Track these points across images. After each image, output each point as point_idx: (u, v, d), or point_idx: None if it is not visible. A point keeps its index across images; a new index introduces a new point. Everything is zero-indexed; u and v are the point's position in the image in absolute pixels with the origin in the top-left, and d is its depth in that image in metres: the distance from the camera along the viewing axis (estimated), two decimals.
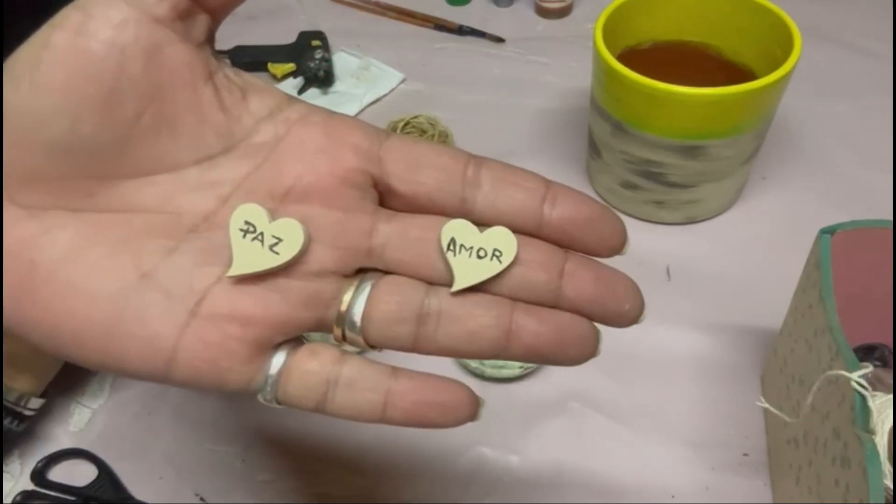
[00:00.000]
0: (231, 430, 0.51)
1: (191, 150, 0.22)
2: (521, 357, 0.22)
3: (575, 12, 0.86)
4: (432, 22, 0.86)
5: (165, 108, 0.21)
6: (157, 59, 0.21)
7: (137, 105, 0.21)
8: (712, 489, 0.47)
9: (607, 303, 0.23)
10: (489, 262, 0.22)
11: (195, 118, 0.22)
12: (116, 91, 0.20)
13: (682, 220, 0.62)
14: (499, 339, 0.22)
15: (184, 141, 0.22)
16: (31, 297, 0.21)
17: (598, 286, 0.22)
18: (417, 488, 0.48)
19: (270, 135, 0.22)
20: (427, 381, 0.23)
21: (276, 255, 0.21)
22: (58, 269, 0.21)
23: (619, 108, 0.55)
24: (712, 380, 0.52)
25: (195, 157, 0.22)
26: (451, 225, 0.22)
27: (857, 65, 0.76)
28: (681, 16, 0.61)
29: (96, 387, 0.54)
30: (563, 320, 0.22)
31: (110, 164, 0.21)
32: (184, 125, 0.21)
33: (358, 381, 0.23)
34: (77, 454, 0.50)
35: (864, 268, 0.42)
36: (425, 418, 0.23)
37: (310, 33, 0.82)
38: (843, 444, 0.33)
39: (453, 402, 0.23)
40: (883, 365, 0.47)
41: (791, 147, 0.68)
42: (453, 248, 0.22)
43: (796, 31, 0.54)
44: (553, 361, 0.23)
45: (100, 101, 0.20)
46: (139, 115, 0.21)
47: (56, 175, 0.21)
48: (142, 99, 0.21)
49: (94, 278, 0.21)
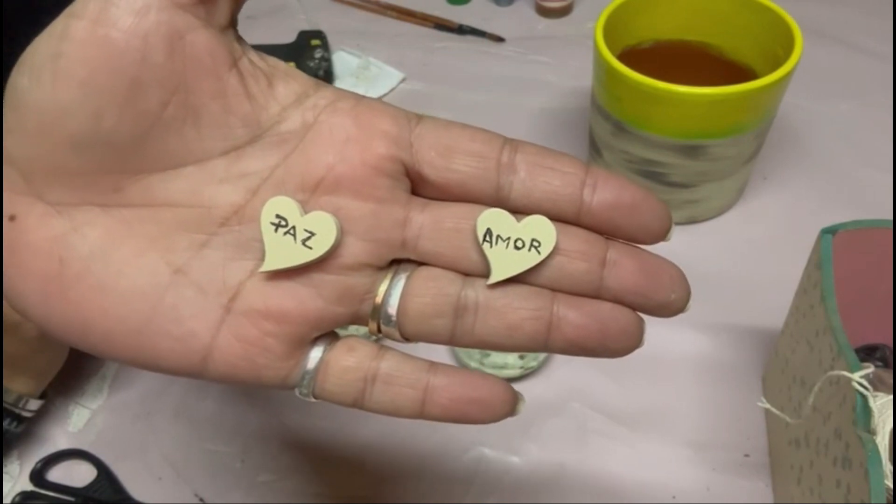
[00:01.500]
0: (230, 431, 0.51)
1: (217, 141, 0.21)
2: (563, 350, 0.22)
3: (575, 11, 0.86)
4: (432, 21, 0.86)
5: (190, 98, 0.20)
6: (180, 46, 0.20)
7: (161, 96, 0.20)
8: (713, 490, 0.47)
9: (652, 293, 0.22)
10: (527, 252, 0.21)
11: (220, 107, 0.21)
12: (139, 82, 0.19)
13: (683, 221, 0.62)
14: (539, 331, 0.22)
15: (209, 131, 0.21)
16: (60, 296, 0.20)
17: (642, 276, 0.22)
18: (418, 488, 0.48)
19: (298, 123, 0.22)
20: (465, 377, 0.23)
21: (310, 250, 0.21)
22: (88, 268, 0.20)
23: (619, 108, 0.55)
24: (713, 380, 0.52)
25: (222, 147, 0.21)
26: (486, 214, 0.21)
27: (858, 64, 0.76)
28: (682, 15, 0.61)
29: (95, 387, 0.54)
30: (605, 311, 0.22)
31: (136, 157, 0.20)
32: (209, 115, 0.21)
33: (396, 377, 0.22)
34: (76, 455, 0.50)
35: (866, 268, 0.42)
36: (464, 414, 0.22)
37: (309, 32, 0.82)
38: (845, 445, 0.33)
39: (491, 398, 0.22)
40: (884, 365, 0.47)
41: (792, 147, 0.68)
42: (489, 238, 0.21)
43: (797, 31, 0.54)
44: (596, 354, 0.22)
45: (122, 94, 0.19)
46: (163, 106, 0.20)
47: (82, 170, 0.20)
48: (165, 89, 0.20)
49: (126, 276, 0.20)
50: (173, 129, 0.20)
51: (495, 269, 0.21)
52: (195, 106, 0.21)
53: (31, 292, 0.20)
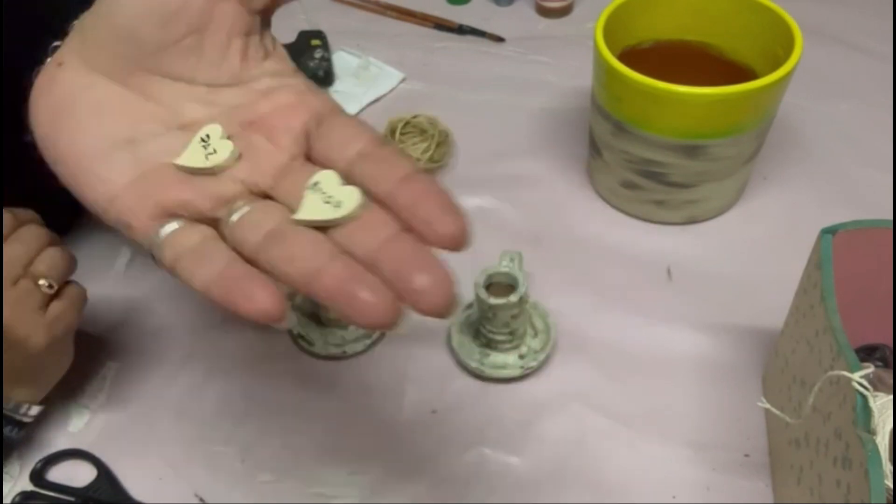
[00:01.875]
0: (230, 431, 0.51)
1: (208, 76, 0.30)
2: (320, 297, 0.24)
3: (575, 11, 0.86)
4: (432, 21, 0.86)
5: (203, 41, 0.29)
6: (214, 5, 0.29)
7: (186, 29, 0.29)
8: (713, 490, 0.47)
9: (405, 283, 0.24)
10: (331, 208, 0.26)
11: (220, 56, 0.30)
12: (177, 14, 0.28)
13: (683, 220, 0.62)
14: (308, 272, 0.24)
15: (206, 68, 0.30)
16: (56, 118, 0.29)
17: (406, 267, 0.24)
18: (417, 488, 0.48)
19: (265, 86, 0.30)
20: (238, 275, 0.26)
21: (207, 160, 0.28)
22: (81, 110, 0.29)
23: (619, 108, 0.55)
24: (713, 380, 0.52)
25: (208, 81, 0.30)
26: (322, 173, 0.27)
27: (858, 64, 0.76)
28: (681, 15, 0.61)
29: (95, 388, 0.54)
30: (365, 282, 0.24)
31: (151, 61, 0.29)
32: (210, 57, 0.30)
33: (210, 254, 0.27)
34: (76, 455, 0.50)
35: (866, 268, 0.42)
36: (236, 301, 0.25)
37: (310, 32, 0.82)
38: (845, 445, 0.33)
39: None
40: (884, 365, 0.47)
41: (792, 147, 0.68)
42: (313, 188, 0.27)
43: (797, 31, 0.54)
44: (346, 316, 0.24)
45: (163, 17, 0.28)
46: (184, 36, 0.29)
47: (116, 53, 0.29)
48: (190, 27, 0.29)
49: (99, 125, 0.29)
50: (183, 54, 0.29)
51: (302, 209, 0.26)
52: (204, 47, 0.29)
53: (44, 110, 0.30)
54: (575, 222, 0.63)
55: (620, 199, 0.63)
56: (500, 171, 0.68)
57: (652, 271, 0.59)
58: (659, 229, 0.62)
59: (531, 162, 0.69)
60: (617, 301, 0.57)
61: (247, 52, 0.30)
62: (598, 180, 0.64)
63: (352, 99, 0.76)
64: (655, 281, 0.58)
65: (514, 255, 0.55)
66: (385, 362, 0.55)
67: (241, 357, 0.55)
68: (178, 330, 0.57)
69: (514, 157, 0.69)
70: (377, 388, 0.53)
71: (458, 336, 0.54)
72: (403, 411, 0.52)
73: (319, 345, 0.54)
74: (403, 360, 0.55)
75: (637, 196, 0.61)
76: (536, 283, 0.58)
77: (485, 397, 0.52)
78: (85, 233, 0.62)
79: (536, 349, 0.53)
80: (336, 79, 0.79)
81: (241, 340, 0.56)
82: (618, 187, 0.62)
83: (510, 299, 0.48)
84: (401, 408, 0.52)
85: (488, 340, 0.52)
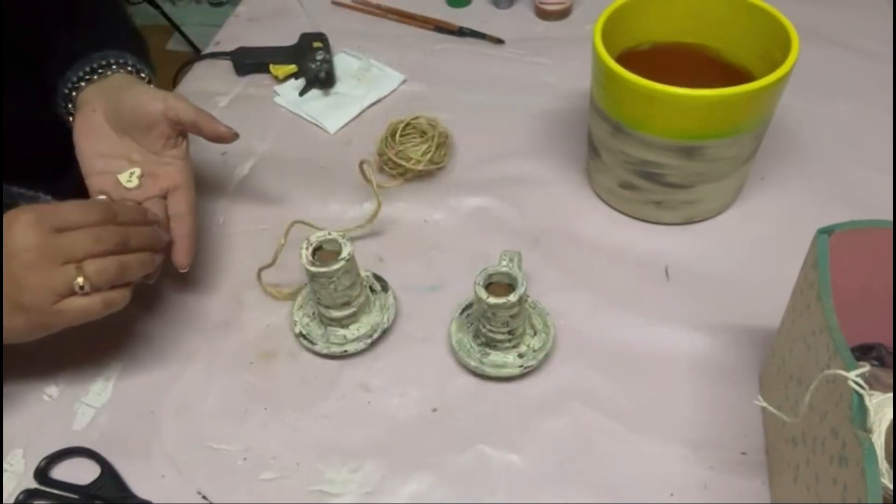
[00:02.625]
0: (233, 430, 0.52)
1: (147, 146, 0.56)
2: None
3: (574, 14, 0.87)
4: (433, 24, 0.86)
5: (151, 133, 0.56)
6: (161, 124, 0.55)
7: (146, 128, 0.56)
8: (711, 488, 0.47)
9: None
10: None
11: (154, 141, 0.56)
12: (147, 122, 0.55)
13: (681, 221, 0.62)
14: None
15: (147, 143, 0.56)
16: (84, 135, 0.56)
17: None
18: (418, 487, 0.48)
19: (167, 160, 0.57)
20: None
21: (129, 181, 0.55)
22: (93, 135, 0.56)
23: (618, 109, 0.56)
24: (711, 379, 0.52)
25: (146, 147, 0.56)
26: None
27: (854, 65, 0.77)
28: (679, 17, 0.62)
29: (99, 386, 0.54)
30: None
31: (128, 130, 0.56)
32: (151, 139, 0.56)
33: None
34: (80, 453, 0.50)
35: (862, 268, 0.43)
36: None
37: (311, 35, 0.82)
38: (842, 444, 0.34)
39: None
40: (880, 364, 0.47)
41: (790, 148, 0.69)
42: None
43: (794, 33, 0.54)
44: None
45: (141, 121, 0.55)
46: (145, 130, 0.56)
47: (116, 119, 0.56)
48: (149, 127, 0.56)
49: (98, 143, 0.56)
50: (141, 134, 0.56)
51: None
52: (150, 136, 0.56)
53: (79, 126, 0.56)
54: (574, 222, 0.64)
55: (619, 200, 0.63)
56: (499, 171, 0.68)
57: (650, 271, 0.59)
58: (657, 229, 0.63)
59: (530, 163, 0.69)
60: (615, 300, 0.57)
61: (166, 144, 0.56)
62: (597, 181, 0.65)
63: (353, 100, 0.76)
64: (654, 280, 0.59)
65: (513, 254, 0.56)
66: (386, 361, 0.55)
67: (242, 356, 0.56)
68: (181, 329, 0.58)
69: (514, 157, 0.70)
70: (378, 386, 0.54)
71: (458, 335, 0.54)
72: (404, 410, 0.52)
73: (321, 344, 0.55)
74: (404, 360, 0.55)
75: (635, 196, 0.61)
76: (535, 282, 0.58)
77: (484, 396, 0.53)
78: None
79: (536, 348, 0.53)
80: (337, 80, 0.79)
81: (243, 339, 0.57)
82: (616, 188, 0.62)
83: (509, 299, 0.48)
84: (401, 406, 0.52)
85: (488, 340, 0.52)
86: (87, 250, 0.45)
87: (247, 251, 0.63)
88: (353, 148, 0.72)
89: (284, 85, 0.79)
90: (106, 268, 0.46)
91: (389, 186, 0.66)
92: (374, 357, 0.55)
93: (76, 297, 0.45)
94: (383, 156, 0.67)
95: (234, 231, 0.65)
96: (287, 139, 0.74)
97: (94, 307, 0.46)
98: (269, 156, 0.72)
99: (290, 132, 0.75)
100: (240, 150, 0.71)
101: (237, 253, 0.63)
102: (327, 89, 0.78)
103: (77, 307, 0.45)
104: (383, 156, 0.67)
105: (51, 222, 0.45)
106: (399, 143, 0.67)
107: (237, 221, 0.66)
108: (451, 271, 0.60)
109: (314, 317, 0.56)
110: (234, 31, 0.88)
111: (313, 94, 0.78)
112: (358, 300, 0.54)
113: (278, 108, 0.77)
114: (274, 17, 0.90)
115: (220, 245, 0.64)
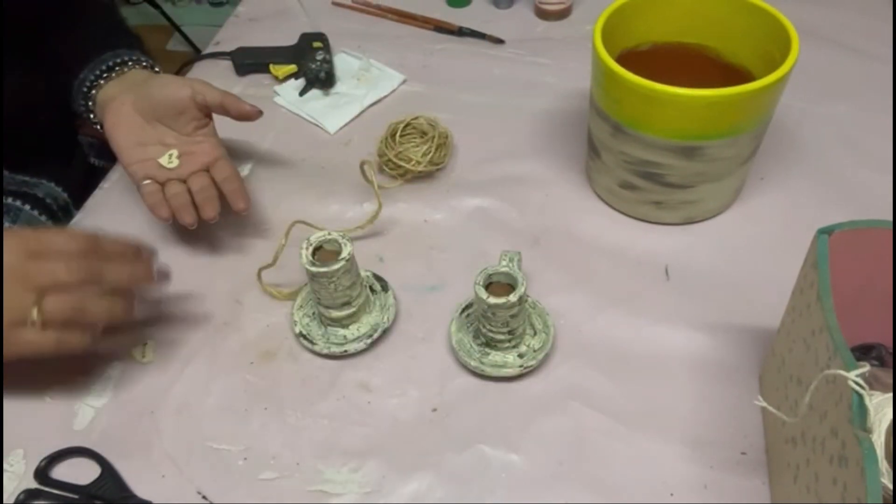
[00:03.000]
0: (233, 430, 0.52)
1: (178, 129, 0.61)
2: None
3: (574, 14, 0.87)
4: (432, 24, 0.86)
5: (180, 117, 0.61)
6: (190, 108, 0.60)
7: (176, 113, 0.61)
8: (710, 487, 0.47)
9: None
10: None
11: (185, 123, 0.61)
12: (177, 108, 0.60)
13: (681, 221, 0.63)
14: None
15: (178, 126, 0.61)
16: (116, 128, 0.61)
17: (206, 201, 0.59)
18: (418, 487, 0.48)
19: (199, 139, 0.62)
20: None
21: (169, 163, 0.60)
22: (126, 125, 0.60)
23: (618, 110, 0.56)
24: (711, 379, 0.52)
25: (178, 130, 0.61)
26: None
27: (854, 66, 0.77)
28: (679, 18, 0.62)
29: (100, 386, 0.54)
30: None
31: (159, 117, 0.61)
32: (181, 123, 0.61)
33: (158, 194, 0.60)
34: (80, 452, 0.50)
35: (862, 268, 0.43)
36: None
37: (311, 35, 0.82)
38: (841, 443, 0.34)
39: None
40: (880, 364, 0.47)
41: (789, 148, 0.69)
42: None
43: (794, 33, 0.54)
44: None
45: (172, 107, 0.60)
46: (175, 115, 0.61)
47: (147, 109, 0.61)
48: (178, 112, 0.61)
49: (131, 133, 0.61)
50: (172, 119, 0.61)
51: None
52: (180, 119, 0.61)
53: (109, 119, 0.61)
54: (574, 223, 0.64)
55: (619, 200, 0.63)
56: (499, 171, 0.68)
57: (650, 271, 0.59)
58: (657, 229, 0.63)
59: (530, 163, 0.69)
60: (615, 300, 0.57)
61: (197, 125, 0.61)
62: (597, 181, 0.65)
63: (353, 100, 0.77)
64: (653, 281, 0.59)
65: (513, 254, 0.56)
66: (386, 361, 0.55)
67: (243, 356, 0.56)
68: (181, 329, 0.58)
69: (514, 158, 0.70)
70: (378, 386, 0.54)
71: (458, 335, 0.54)
72: (404, 410, 0.52)
73: (321, 344, 0.55)
74: (404, 359, 0.55)
75: (635, 197, 0.61)
76: (535, 282, 0.58)
77: (484, 396, 0.53)
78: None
79: (535, 348, 0.53)
80: (337, 80, 0.79)
81: (243, 339, 0.57)
82: (616, 188, 0.62)
83: (509, 299, 0.48)
84: (401, 406, 0.52)
85: (488, 339, 0.52)
86: (56, 278, 0.45)
87: (247, 251, 0.63)
88: (353, 148, 0.72)
89: (284, 85, 0.80)
90: (63, 302, 0.45)
91: (390, 187, 0.66)
92: (374, 357, 0.55)
93: (27, 328, 0.44)
94: (383, 157, 0.67)
95: (234, 231, 0.65)
96: (287, 139, 0.74)
97: (46, 343, 0.45)
98: (269, 156, 0.72)
99: (290, 132, 0.75)
100: (240, 151, 0.72)
101: (237, 253, 0.63)
102: (327, 89, 0.78)
103: (28, 339, 0.45)
104: (383, 157, 0.67)
105: (30, 246, 0.45)
106: (399, 143, 0.67)
107: (237, 221, 0.66)
108: (451, 271, 0.60)
109: (314, 317, 0.56)
110: (234, 31, 0.88)
111: (313, 94, 0.78)
112: (358, 300, 0.54)
113: (278, 108, 0.77)
114: (274, 17, 0.90)
115: (220, 245, 0.64)
